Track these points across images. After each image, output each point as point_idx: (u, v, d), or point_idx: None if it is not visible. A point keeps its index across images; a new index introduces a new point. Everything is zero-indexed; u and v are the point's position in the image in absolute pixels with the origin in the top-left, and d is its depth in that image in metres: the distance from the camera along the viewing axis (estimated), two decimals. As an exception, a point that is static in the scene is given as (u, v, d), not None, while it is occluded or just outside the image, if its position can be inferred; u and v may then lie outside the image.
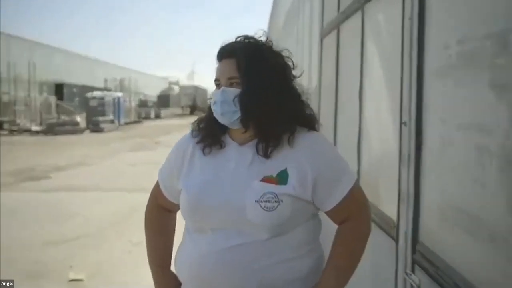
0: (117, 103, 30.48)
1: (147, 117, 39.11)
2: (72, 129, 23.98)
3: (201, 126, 1.47)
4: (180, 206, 1.45)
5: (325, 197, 1.37)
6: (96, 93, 30.59)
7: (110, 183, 9.55)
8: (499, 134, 1.33)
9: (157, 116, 42.02)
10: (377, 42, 2.67)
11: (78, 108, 28.87)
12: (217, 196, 1.35)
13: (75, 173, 10.84)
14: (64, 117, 26.31)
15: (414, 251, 1.82)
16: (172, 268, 1.60)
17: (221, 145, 1.41)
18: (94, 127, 25.52)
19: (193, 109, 54.34)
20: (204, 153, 1.42)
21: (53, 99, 29.43)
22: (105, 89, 37.37)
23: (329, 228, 1.57)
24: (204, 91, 65.18)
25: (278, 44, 1.51)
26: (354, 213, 1.43)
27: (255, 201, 1.30)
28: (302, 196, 1.34)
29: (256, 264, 1.32)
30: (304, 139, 1.38)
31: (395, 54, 2.17)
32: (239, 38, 1.43)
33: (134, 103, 36.59)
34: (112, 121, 28.40)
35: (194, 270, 1.38)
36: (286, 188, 1.32)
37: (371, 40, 2.80)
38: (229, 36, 1.45)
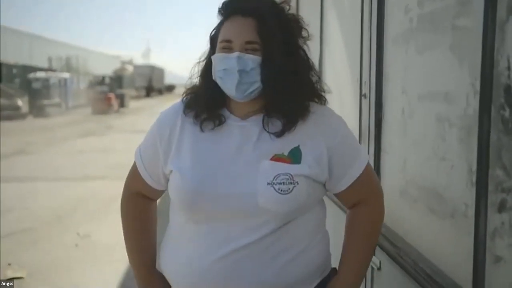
0: (63, 85, 29.68)
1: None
2: (13, 114, 23.19)
3: (192, 97, 1.33)
4: (173, 192, 1.31)
5: (339, 176, 1.30)
6: (40, 74, 29.64)
7: (54, 172, 9.27)
8: (460, 103, 1.32)
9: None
10: (337, 8, 2.65)
11: (19, 91, 27.86)
12: (223, 180, 1.23)
13: (15, 162, 10.50)
14: (3, 101, 25.39)
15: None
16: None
17: (220, 120, 1.29)
18: (38, 111, 24.78)
19: (148, 91, 53.42)
20: (202, 130, 1.29)
21: (-11, 80, 28.29)
22: (50, 69, 36.22)
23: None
24: (161, 71, 63.96)
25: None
26: (369, 194, 1.36)
27: (267, 183, 1.21)
28: (317, 177, 1.26)
29: (269, 267, 1.24)
30: (316, 113, 1.29)
31: (354, 20, 2.15)
32: None
33: (83, 85, 35.74)
34: (58, 105, 27.66)
35: (195, 278, 1.27)
36: (301, 168, 1.23)
37: (330, 5, 2.78)
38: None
